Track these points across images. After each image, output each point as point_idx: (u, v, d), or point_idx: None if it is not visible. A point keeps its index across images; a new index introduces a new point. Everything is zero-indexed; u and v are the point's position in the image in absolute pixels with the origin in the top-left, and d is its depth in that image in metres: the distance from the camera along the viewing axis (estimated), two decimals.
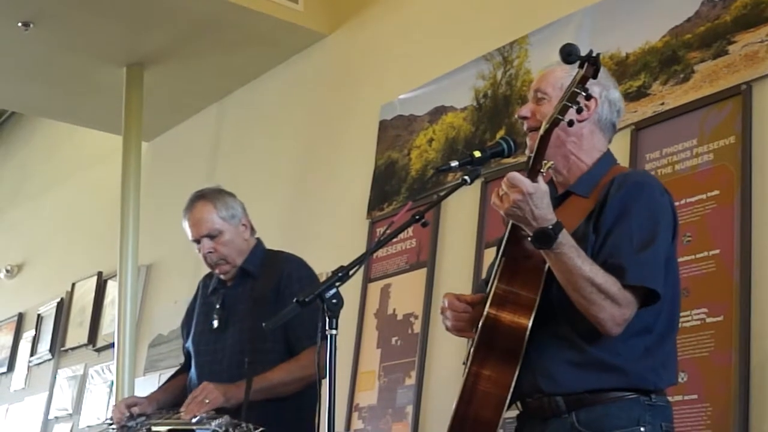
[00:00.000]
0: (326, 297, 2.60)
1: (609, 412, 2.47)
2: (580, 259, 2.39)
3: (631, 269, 2.42)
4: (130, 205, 6.81)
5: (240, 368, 3.58)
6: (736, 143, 3.71)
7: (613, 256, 2.45)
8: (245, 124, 7.02)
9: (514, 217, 2.42)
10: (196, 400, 3.48)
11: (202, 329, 3.86)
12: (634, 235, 2.47)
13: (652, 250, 2.46)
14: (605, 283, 2.39)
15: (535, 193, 2.38)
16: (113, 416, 3.75)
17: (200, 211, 3.82)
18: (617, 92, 2.74)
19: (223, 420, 3.33)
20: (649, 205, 2.52)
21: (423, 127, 5.32)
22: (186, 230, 3.87)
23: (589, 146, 2.67)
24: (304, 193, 6.12)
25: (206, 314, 3.88)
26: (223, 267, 3.80)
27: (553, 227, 2.37)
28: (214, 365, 3.73)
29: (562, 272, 2.41)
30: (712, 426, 3.52)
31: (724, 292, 3.59)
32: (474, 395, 2.49)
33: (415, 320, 4.94)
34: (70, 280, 8.44)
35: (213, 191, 3.90)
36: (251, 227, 3.89)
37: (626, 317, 2.42)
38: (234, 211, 3.83)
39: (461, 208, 4.85)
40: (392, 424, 4.85)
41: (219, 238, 3.77)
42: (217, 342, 3.78)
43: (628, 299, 2.42)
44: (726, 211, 3.67)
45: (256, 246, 3.89)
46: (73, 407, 7.85)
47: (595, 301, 2.39)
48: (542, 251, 2.41)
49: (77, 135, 8.82)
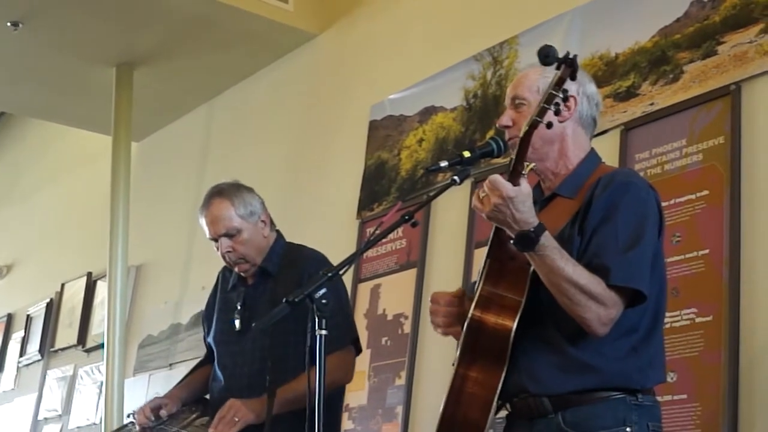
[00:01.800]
0: (316, 297, 2.59)
1: (595, 412, 2.46)
2: (563, 261, 2.39)
3: (616, 269, 2.42)
4: (119, 206, 6.79)
5: (261, 375, 3.46)
6: (725, 143, 3.71)
7: (598, 256, 2.44)
8: (235, 124, 7.01)
9: (494, 220, 2.42)
10: (225, 420, 3.40)
11: (222, 328, 3.76)
12: (620, 234, 2.46)
13: (638, 250, 2.46)
14: (589, 284, 2.39)
15: (516, 197, 2.37)
16: (137, 419, 3.67)
17: (218, 209, 3.66)
18: (593, 86, 2.74)
19: None
20: (635, 204, 2.52)
21: (413, 128, 5.32)
22: (203, 227, 3.72)
23: (573, 146, 2.67)
24: (294, 193, 6.11)
25: (226, 312, 3.76)
26: (242, 266, 3.69)
27: (534, 230, 2.37)
28: (236, 369, 3.63)
29: (545, 274, 2.41)
30: (701, 426, 3.52)
31: (714, 292, 3.59)
32: (461, 397, 2.49)
33: (405, 320, 4.94)
34: (60, 281, 8.43)
35: (231, 187, 3.73)
36: (270, 222, 3.77)
37: (612, 317, 2.42)
38: (253, 207, 3.69)
39: (451, 209, 4.85)
40: (382, 425, 4.85)
41: (237, 237, 3.63)
42: (238, 344, 3.67)
43: (613, 299, 2.41)
44: (715, 211, 3.67)
45: (276, 242, 3.76)
46: (63, 408, 7.84)
47: (579, 302, 2.38)
48: (525, 254, 2.41)
49: (67, 135, 8.80)
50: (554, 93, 2.34)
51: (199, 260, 6.67)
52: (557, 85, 2.34)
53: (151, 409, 3.67)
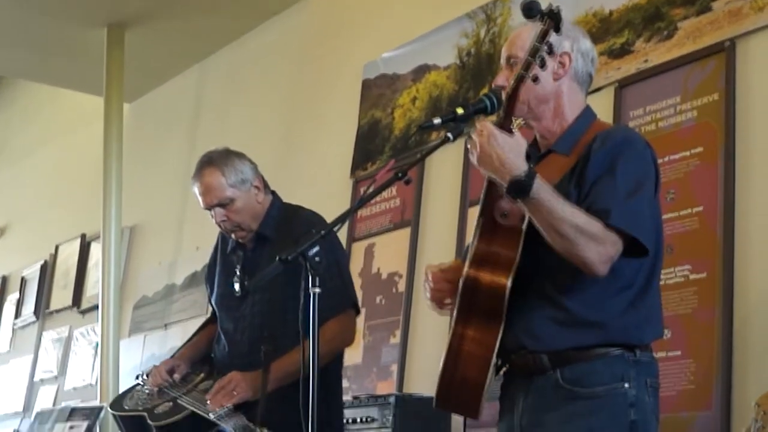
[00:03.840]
0: (309, 255, 2.58)
1: (593, 369, 2.46)
2: (558, 203, 2.37)
3: (617, 213, 2.40)
4: (112, 167, 6.78)
5: (260, 342, 3.40)
6: (719, 100, 3.70)
7: (597, 202, 2.43)
8: (228, 85, 6.99)
9: (484, 166, 2.41)
10: (224, 391, 3.44)
11: (224, 292, 3.77)
12: (619, 185, 2.45)
13: (639, 199, 2.45)
14: (586, 224, 2.37)
15: (500, 137, 2.37)
16: (152, 381, 3.73)
17: (209, 179, 3.63)
18: (588, 41, 2.72)
19: (238, 421, 3.32)
20: (634, 159, 2.51)
21: (406, 86, 5.30)
22: (196, 197, 3.71)
23: (569, 104, 2.65)
24: (288, 153, 6.09)
25: (227, 275, 3.76)
26: (239, 233, 3.69)
27: (525, 175, 2.36)
28: (236, 335, 3.65)
29: (541, 219, 2.39)
30: (695, 382, 3.54)
31: (708, 248, 3.60)
32: (460, 356, 2.48)
33: (400, 279, 4.95)
34: (54, 243, 8.42)
35: (221, 155, 3.70)
36: (264, 186, 3.74)
37: (611, 255, 2.41)
38: (244, 175, 3.65)
39: (445, 167, 4.84)
40: (377, 383, 4.87)
41: (231, 206, 3.62)
42: (238, 309, 3.68)
43: (612, 238, 2.40)
44: (709, 168, 3.67)
45: (272, 205, 3.74)
46: (59, 369, 7.85)
47: (578, 242, 2.37)
48: (520, 201, 2.39)
49: (59, 97, 8.76)
50: (538, 45, 2.35)
51: (193, 220, 6.66)
52: (541, 38, 2.35)
53: (168, 372, 3.74)
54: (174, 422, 3.52)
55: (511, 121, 2.43)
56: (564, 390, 2.46)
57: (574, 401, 2.45)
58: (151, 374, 3.78)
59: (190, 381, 3.74)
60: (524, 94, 2.49)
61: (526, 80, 2.39)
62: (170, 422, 3.52)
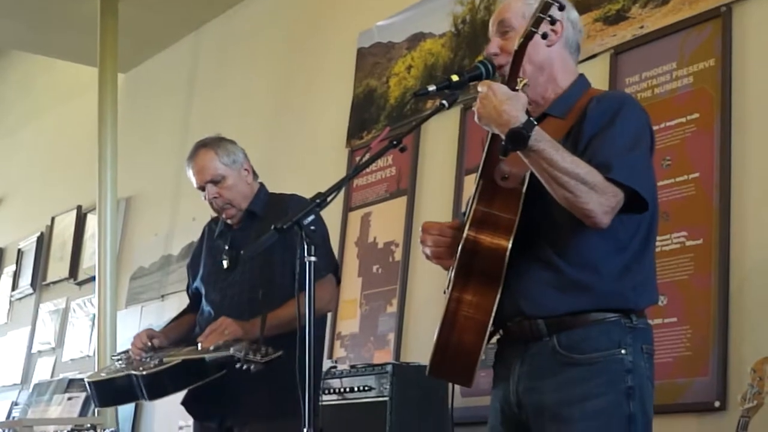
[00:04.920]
0: (304, 224, 2.58)
1: (590, 335, 2.47)
2: (558, 153, 2.37)
3: (618, 166, 2.40)
4: (107, 138, 6.76)
5: (251, 304, 3.63)
6: (715, 66, 3.69)
7: (597, 156, 2.43)
8: (222, 54, 6.96)
9: (483, 118, 2.40)
10: (216, 332, 3.57)
11: (211, 270, 3.93)
12: (618, 139, 2.45)
13: (637, 154, 2.45)
14: (588, 174, 2.36)
15: (500, 88, 2.38)
16: (134, 344, 3.85)
17: (203, 159, 3.88)
18: (575, 11, 2.73)
19: (241, 345, 3.38)
20: (632, 117, 2.51)
21: (401, 54, 5.28)
22: (190, 179, 3.93)
23: (562, 70, 2.65)
24: (283, 123, 6.08)
25: (214, 257, 3.94)
26: (229, 211, 3.88)
27: (524, 125, 2.35)
28: (225, 301, 3.79)
29: (542, 170, 2.38)
30: (691, 348, 3.55)
31: (704, 215, 3.60)
32: (456, 321, 2.48)
33: (396, 248, 4.95)
34: (50, 215, 8.42)
35: (214, 139, 3.96)
36: (253, 172, 3.97)
37: (613, 205, 2.40)
38: (235, 156, 3.90)
39: (441, 136, 4.83)
40: (374, 352, 4.87)
41: (222, 183, 3.84)
42: (225, 280, 3.85)
43: (613, 189, 2.39)
44: (706, 135, 3.66)
45: (260, 190, 3.96)
46: (56, 341, 7.87)
47: (579, 192, 2.36)
48: (520, 153, 2.38)
49: (53, 68, 8.73)
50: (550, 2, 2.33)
51: (189, 191, 6.58)
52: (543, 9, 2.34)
53: (148, 336, 3.85)
54: (163, 370, 3.60)
55: (516, 82, 2.42)
56: (560, 356, 2.47)
57: (571, 367, 2.45)
58: (132, 342, 3.89)
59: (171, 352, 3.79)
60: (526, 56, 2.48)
61: (535, 37, 2.38)
62: (159, 370, 3.61)
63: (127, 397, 3.84)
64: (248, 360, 3.32)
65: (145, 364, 3.71)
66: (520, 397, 2.52)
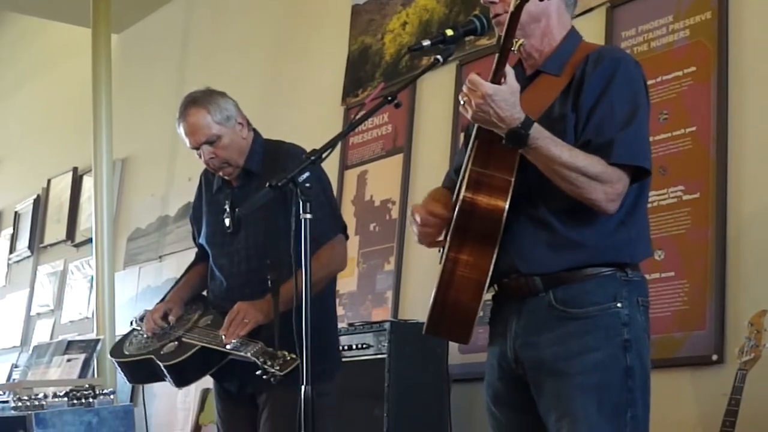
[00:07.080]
0: (299, 181, 2.57)
1: (586, 289, 2.47)
2: (557, 148, 2.38)
3: (618, 147, 2.42)
4: (102, 99, 6.73)
5: (258, 273, 3.51)
6: (712, 19, 3.67)
7: (598, 135, 2.44)
8: (216, 13, 6.91)
9: (481, 121, 2.41)
10: (236, 322, 3.46)
11: (215, 230, 3.80)
12: (616, 110, 2.46)
13: (636, 124, 2.46)
14: (588, 165, 2.38)
15: (495, 94, 2.35)
16: (147, 328, 3.74)
17: (194, 118, 3.68)
18: None
19: (258, 348, 3.31)
20: (628, 80, 2.51)
21: (396, 11, 5.24)
22: (182, 138, 3.76)
23: (557, 24, 2.64)
24: (278, 82, 6.05)
25: (216, 214, 3.81)
26: (226, 170, 3.73)
27: (522, 125, 2.35)
28: (233, 268, 3.68)
29: (544, 166, 2.42)
30: (689, 302, 3.55)
31: (701, 169, 3.59)
32: (453, 280, 2.48)
33: (393, 206, 4.94)
34: (46, 177, 8.40)
35: (204, 94, 3.76)
36: (247, 123, 3.79)
37: (619, 192, 2.43)
38: (228, 112, 3.72)
39: (436, 93, 4.81)
40: (372, 310, 4.88)
41: (218, 143, 3.67)
42: (231, 244, 3.72)
43: (617, 174, 2.42)
44: (702, 88, 3.65)
45: (255, 141, 3.79)
46: (55, 303, 7.88)
47: (583, 185, 2.39)
48: (520, 150, 2.40)
49: (46, 30, 8.68)
50: None
51: (184, 151, 6.56)
52: None
53: (160, 317, 3.74)
54: (184, 360, 3.53)
55: (511, 43, 2.40)
56: (557, 311, 2.47)
57: (568, 322, 2.46)
58: (144, 320, 3.78)
59: (187, 321, 3.74)
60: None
61: None
62: (180, 360, 3.53)
63: (157, 378, 3.76)
64: (266, 371, 3.24)
65: (164, 339, 3.66)
66: (517, 352, 2.53)
